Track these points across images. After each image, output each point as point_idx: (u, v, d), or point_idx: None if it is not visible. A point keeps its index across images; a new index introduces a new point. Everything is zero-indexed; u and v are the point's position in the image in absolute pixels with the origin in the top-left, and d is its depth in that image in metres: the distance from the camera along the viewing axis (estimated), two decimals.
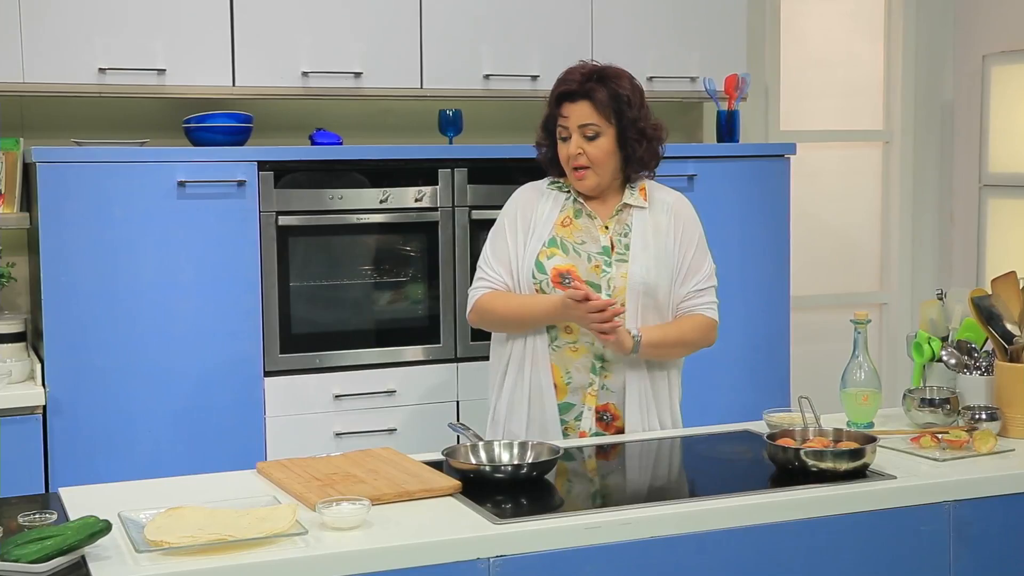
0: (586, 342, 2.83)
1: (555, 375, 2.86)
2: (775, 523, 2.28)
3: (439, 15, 3.97)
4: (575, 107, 2.86)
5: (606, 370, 2.85)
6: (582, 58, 4.11)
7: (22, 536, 1.92)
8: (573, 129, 2.86)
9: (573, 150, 2.85)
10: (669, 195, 2.98)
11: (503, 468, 2.39)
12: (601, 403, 2.86)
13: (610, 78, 2.88)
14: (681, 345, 2.91)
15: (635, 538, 2.16)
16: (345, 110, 4.15)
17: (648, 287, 2.84)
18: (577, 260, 2.85)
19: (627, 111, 2.85)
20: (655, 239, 2.88)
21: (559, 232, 2.89)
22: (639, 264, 2.84)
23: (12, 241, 3.76)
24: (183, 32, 3.67)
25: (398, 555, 2.01)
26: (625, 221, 2.90)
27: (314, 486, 2.26)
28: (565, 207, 2.93)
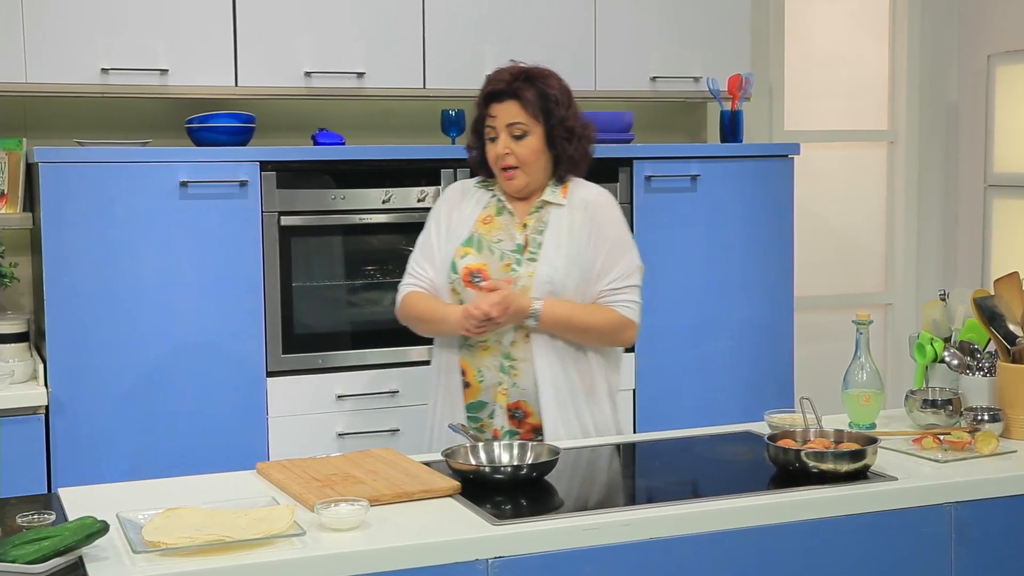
0: (494, 341, 2.84)
1: (469, 374, 2.87)
2: (775, 525, 2.27)
3: (441, 15, 3.97)
4: (502, 107, 2.86)
5: (515, 368, 2.84)
6: (587, 59, 4.17)
7: (20, 537, 1.92)
8: (501, 129, 2.86)
9: (501, 150, 2.85)
10: (589, 192, 2.94)
11: (502, 469, 2.39)
12: (512, 401, 2.85)
13: (537, 78, 2.89)
14: (585, 330, 2.84)
15: (635, 539, 2.15)
16: (348, 110, 4.14)
17: (554, 286, 2.81)
18: (489, 258, 2.85)
19: (555, 110, 2.85)
20: (569, 237, 2.85)
21: (479, 230, 2.90)
22: (547, 263, 2.82)
23: (15, 241, 3.76)
24: (186, 32, 3.67)
25: (396, 556, 2.00)
26: (543, 219, 2.89)
27: (313, 487, 2.26)
28: (488, 205, 2.94)
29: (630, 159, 4.05)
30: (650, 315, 4.04)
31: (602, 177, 3.96)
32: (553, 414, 2.82)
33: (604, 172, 4.01)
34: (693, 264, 4.13)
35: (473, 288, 2.81)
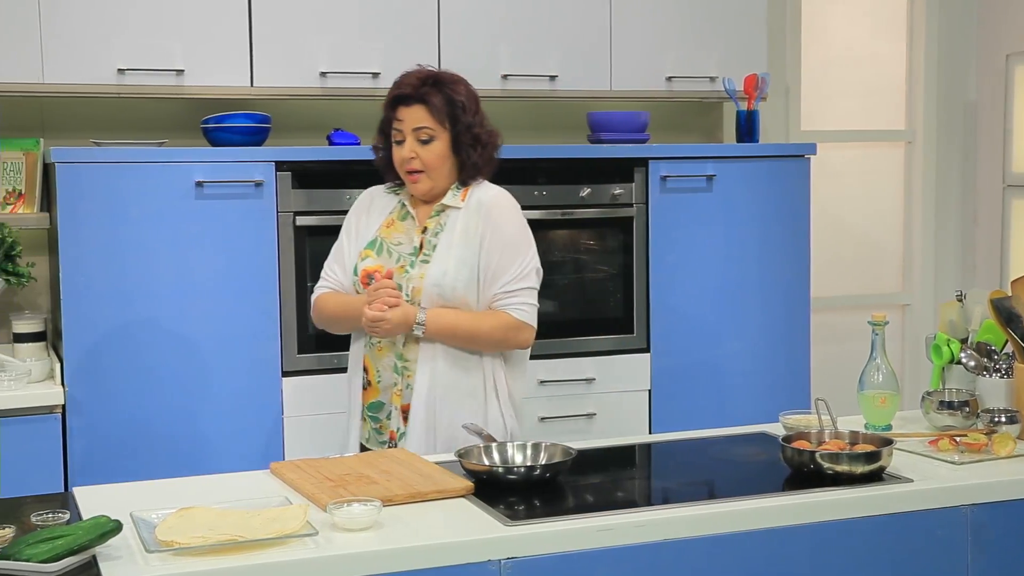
0: (388, 341, 2.84)
1: (370, 373, 2.88)
2: (790, 526, 2.26)
3: (457, 15, 3.97)
4: (410, 111, 2.86)
5: (408, 369, 2.82)
6: (602, 59, 4.17)
7: (34, 536, 1.92)
8: (407, 132, 2.85)
9: (407, 153, 2.85)
10: (487, 193, 2.93)
11: (516, 469, 2.39)
12: (406, 403, 2.83)
13: (445, 83, 2.89)
14: (472, 337, 2.81)
15: (648, 540, 2.14)
16: (363, 110, 4.13)
17: (443, 289, 2.80)
18: (387, 261, 2.86)
19: (462, 116, 2.86)
20: (462, 239, 2.84)
21: (382, 234, 2.92)
22: (437, 266, 2.82)
23: (32, 241, 3.78)
24: (201, 33, 3.68)
25: (408, 556, 2.00)
26: (442, 222, 2.89)
27: (326, 487, 2.26)
28: (394, 210, 2.95)
29: (645, 159, 4.04)
30: (665, 315, 4.06)
31: (617, 177, 4.00)
32: (419, 415, 2.79)
33: (619, 172, 4.02)
34: (709, 264, 4.11)
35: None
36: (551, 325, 3.98)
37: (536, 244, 3.94)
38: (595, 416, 4.00)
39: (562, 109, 4.38)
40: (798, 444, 2.48)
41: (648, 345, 4.06)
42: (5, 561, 1.87)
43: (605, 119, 4.16)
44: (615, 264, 4.06)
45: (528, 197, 3.91)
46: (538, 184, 3.94)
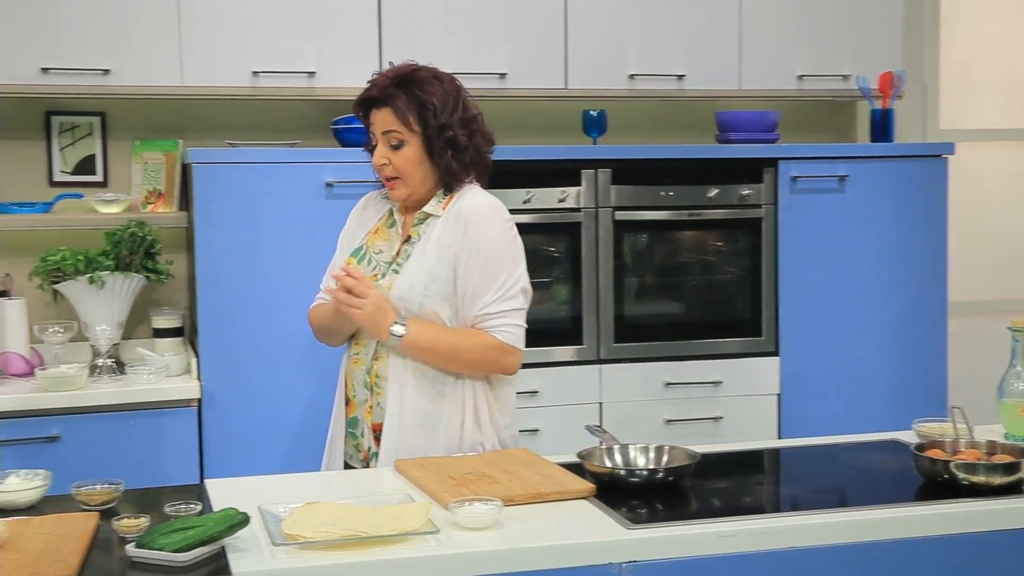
0: (363, 354, 2.66)
1: (348, 387, 2.70)
2: (921, 538, 2.19)
3: (584, 15, 3.96)
4: (379, 114, 2.63)
5: (379, 387, 2.62)
6: (731, 58, 4.11)
7: (166, 525, 1.98)
8: (378, 136, 2.64)
9: (378, 159, 2.64)
10: (470, 202, 2.63)
11: (638, 472, 2.37)
12: (376, 421, 2.62)
13: (415, 82, 2.61)
14: (453, 359, 2.57)
15: (771, 548, 2.10)
16: (490, 110, 4.14)
17: (409, 304, 2.57)
18: (364, 269, 2.66)
19: (431, 119, 2.58)
20: (436, 251, 2.59)
21: (367, 241, 2.74)
22: (404, 279, 2.59)
23: (171, 239, 3.89)
24: (333, 35, 3.74)
25: (528, 557, 2.00)
26: (422, 231, 2.66)
27: (448, 485, 2.27)
28: (383, 216, 2.76)
29: (775, 159, 3.97)
30: (796, 318, 3.98)
31: (746, 178, 3.94)
32: (393, 439, 2.57)
33: (748, 172, 3.96)
34: (840, 267, 4.02)
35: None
36: (677, 327, 3.96)
37: (661, 245, 3.97)
38: (722, 420, 3.95)
39: (690, 109, 4.33)
40: (932, 453, 2.40)
41: (777, 348, 3.99)
42: (140, 549, 1.93)
43: (734, 119, 4.10)
44: (743, 266, 4.00)
45: (654, 198, 3.89)
46: (664, 185, 3.91)
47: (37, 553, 1.92)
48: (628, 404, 3.87)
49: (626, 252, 3.90)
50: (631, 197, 3.87)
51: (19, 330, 3.62)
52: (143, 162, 3.91)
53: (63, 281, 3.56)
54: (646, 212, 3.89)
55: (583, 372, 3.84)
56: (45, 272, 3.58)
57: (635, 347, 3.89)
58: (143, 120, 3.95)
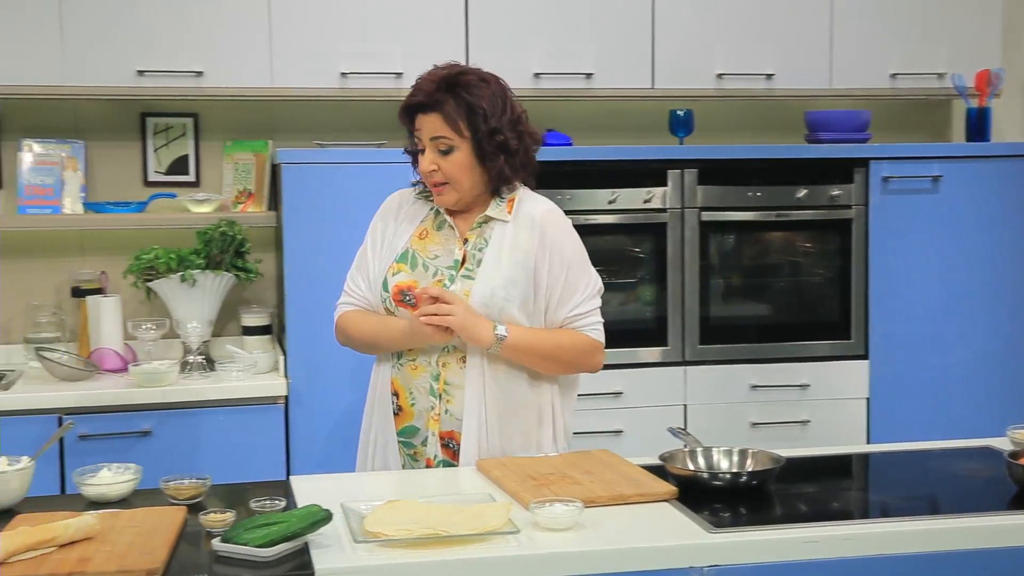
0: (424, 361, 2.57)
1: (401, 397, 2.60)
2: (1014, 547, 2.13)
3: (672, 15, 3.94)
4: (426, 119, 2.54)
5: (448, 394, 2.55)
6: (822, 56, 4.05)
7: (251, 521, 2.00)
8: (426, 142, 2.55)
9: (426, 166, 2.55)
10: (538, 207, 2.61)
11: (721, 475, 2.34)
12: (445, 429, 2.56)
13: (462, 86, 2.53)
14: (553, 358, 2.56)
15: (857, 555, 2.06)
16: (576, 111, 4.16)
17: (490, 309, 2.51)
18: (422, 276, 2.57)
19: (482, 123, 2.51)
20: (511, 256, 2.55)
21: (414, 245, 2.62)
22: (484, 283, 2.52)
23: (261, 238, 3.95)
24: (420, 37, 3.77)
25: (609, 559, 1.99)
26: (485, 235, 2.59)
27: (529, 485, 2.27)
28: (426, 218, 2.65)
29: (866, 159, 3.90)
30: (886, 322, 3.91)
31: (836, 178, 3.88)
32: (474, 445, 2.53)
33: (838, 173, 3.90)
34: (933, 269, 3.94)
35: (405, 307, 2.56)
36: (764, 329, 3.91)
37: (748, 246, 3.93)
38: (809, 423, 3.89)
39: (778, 108, 4.28)
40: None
41: (867, 351, 3.92)
42: (225, 544, 1.96)
43: (824, 118, 4.04)
44: (832, 267, 3.94)
45: (742, 198, 3.85)
46: (752, 185, 3.87)
47: (127, 546, 1.96)
48: (713, 407, 3.84)
49: (712, 253, 3.87)
50: (718, 198, 3.83)
51: (114, 327, 3.70)
52: (234, 162, 3.97)
53: (156, 279, 3.64)
54: (733, 213, 3.85)
55: (668, 374, 3.82)
56: (139, 270, 3.66)
57: (721, 349, 3.85)
58: (234, 121, 4.02)
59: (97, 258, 3.92)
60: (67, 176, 3.84)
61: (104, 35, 3.60)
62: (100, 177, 3.95)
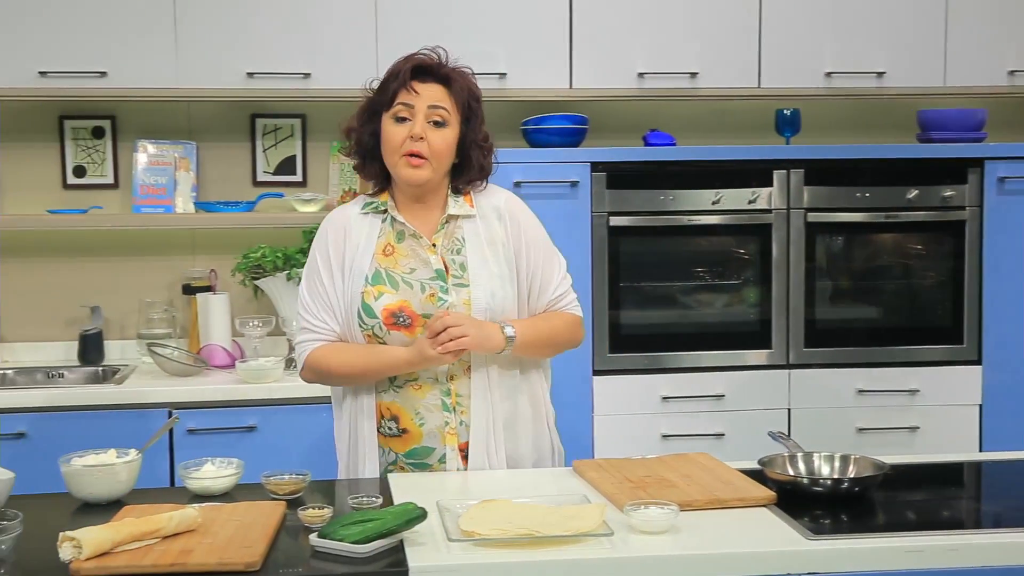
0: (429, 378, 2.46)
1: (404, 419, 2.48)
2: None
3: (779, 12, 3.88)
4: (427, 87, 2.45)
5: (461, 406, 2.47)
6: (935, 54, 3.94)
7: (348, 517, 2.03)
8: (419, 111, 2.43)
9: (417, 131, 2.42)
10: (497, 196, 2.56)
11: (822, 481, 2.30)
12: (464, 440, 2.48)
13: (466, 74, 2.52)
14: (553, 343, 2.56)
15: (962, 566, 2.00)
16: (680, 110, 4.13)
17: (493, 313, 2.45)
18: (408, 293, 2.45)
19: (477, 111, 2.50)
20: (492, 251, 2.49)
21: (381, 263, 2.48)
22: (482, 287, 2.46)
23: None
24: (523, 36, 3.78)
25: (703, 564, 1.96)
26: (454, 235, 2.50)
27: (626, 488, 2.26)
28: (383, 232, 2.51)
29: (981, 159, 3.80)
30: (1000, 326, 3.80)
31: (948, 178, 3.79)
32: (481, 456, 2.47)
33: (951, 173, 3.80)
34: None
35: (398, 329, 2.44)
36: (872, 332, 3.83)
37: (856, 247, 3.85)
38: (918, 430, 3.80)
39: (890, 107, 4.19)
40: None
41: (980, 357, 3.82)
42: (322, 540, 1.98)
43: (937, 117, 3.94)
44: (944, 270, 3.84)
45: (850, 199, 3.78)
46: (860, 186, 3.79)
47: (227, 539, 1.99)
48: (818, 411, 3.77)
49: (819, 255, 3.80)
50: (825, 198, 3.76)
51: (222, 324, 3.79)
52: (340, 162, 4.03)
53: (263, 277, 3.71)
54: (841, 214, 3.78)
55: (772, 377, 3.76)
56: (246, 268, 3.74)
57: (827, 352, 3.78)
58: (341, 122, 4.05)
59: (207, 256, 4.01)
60: (179, 176, 3.94)
61: (216, 39, 3.69)
62: (211, 177, 4.04)
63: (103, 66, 3.66)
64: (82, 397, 3.44)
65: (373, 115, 2.50)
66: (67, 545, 1.89)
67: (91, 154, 3.98)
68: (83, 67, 3.65)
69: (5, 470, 2.25)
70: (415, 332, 2.45)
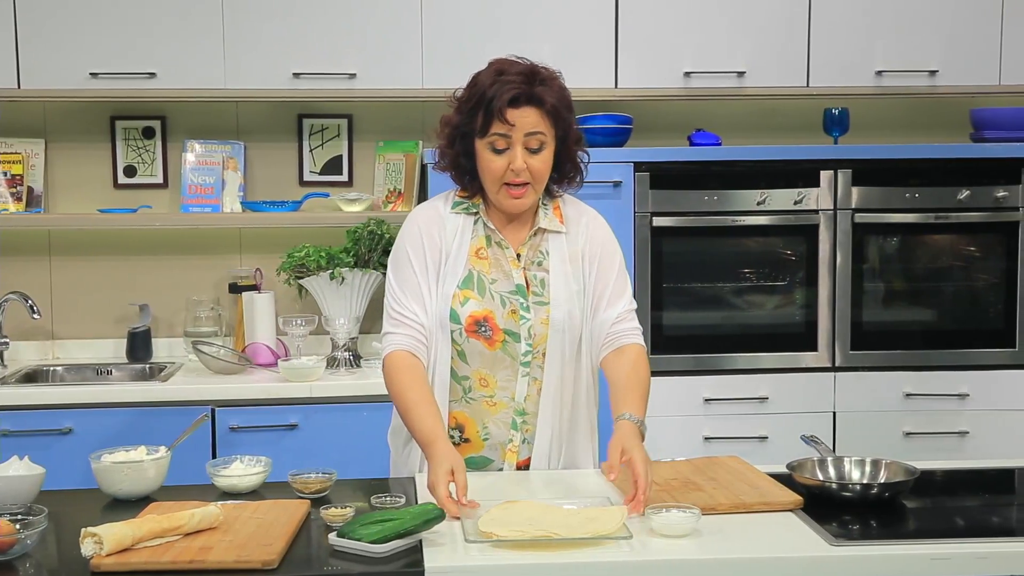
0: (505, 397, 2.44)
1: (469, 430, 2.47)
2: None
3: (828, 9, 3.83)
4: (520, 113, 2.34)
5: (526, 424, 2.45)
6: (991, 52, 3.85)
7: (368, 516, 2.03)
8: (517, 140, 2.34)
9: (519, 164, 2.34)
10: (583, 213, 2.52)
11: (850, 486, 2.26)
12: (523, 459, 2.47)
13: (555, 83, 2.40)
14: (647, 395, 2.46)
15: (990, 574, 1.96)
16: (727, 110, 4.08)
17: (572, 332, 2.44)
18: (492, 304, 2.41)
19: (570, 119, 2.41)
20: (573, 267, 2.46)
21: (475, 265, 2.44)
22: (561, 308, 2.42)
23: None
24: (569, 36, 3.76)
25: (724, 569, 1.94)
26: (539, 248, 2.47)
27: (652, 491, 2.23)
28: (476, 234, 2.46)
29: None
30: None
31: (1002, 178, 3.71)
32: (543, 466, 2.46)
33: (1004, 173, 3.74)
34: None
35: (479, 339, 2.41)
36: (920, 335, 3.77)
37: (905, 249, 3.79)
38: (967, 435, 3.72)
39: (941, 107, 4.11)
40: None
41: None
42: (340, 539, 1.99)
43: (991, 116, 3.86)
44: (996, 272, 3.76)
45: (899, 200, 3.73)
46: (910, 186, 3.72)
47: (248, 536, 2.01)
48: (864, 415, 3.71)
49: (867, 256, 3.74)
50: (873, 199, 3.70)
51: (267, 322, 3.82)
52: (385, 162, 4.05)
53: (307, 276, 3.73)
54: (889, 215, 3.72)
55: (817, 379, 3.71)
56: (291, 268, 3.77)
57: (874, 355, 3.72)
58: (386, 122, 4.09)
59: (254, 255, 4.05)
60: (227, 176, 3.98)
61: (263, 40, 3.72)
62: (258, 176, 4.08)
63: (153, 67, 3.71)
64: (126, 394, 3.50)
65: (464, 138, 2.42)
66: (88, 541, 1.92)
67: (141, 154, 4.04)
68: (133, 69, 3.70)
69: (36, 465, 2.29)
70: (495, 345, 2.43)
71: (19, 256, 4.01)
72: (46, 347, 4.02)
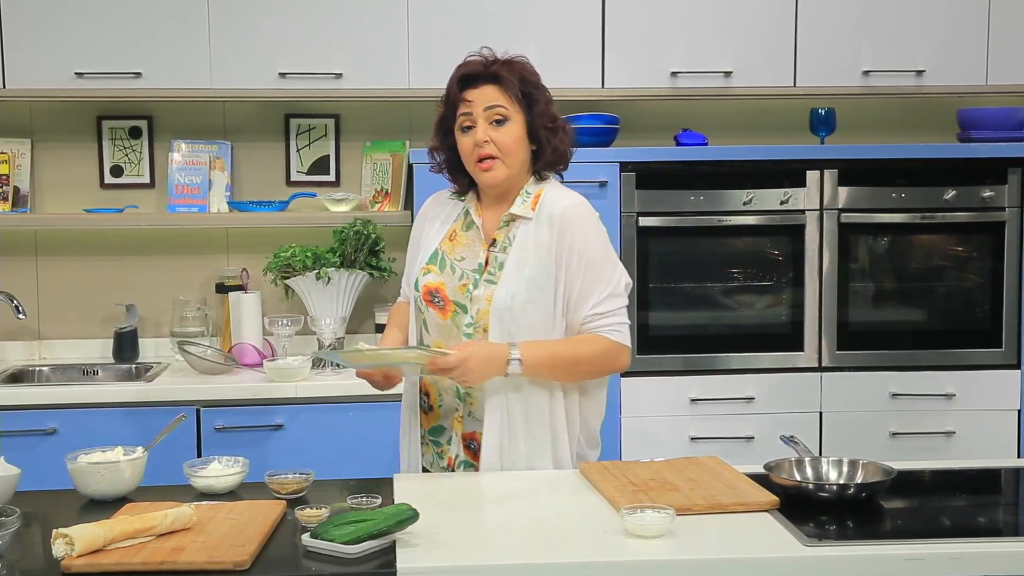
0: None
1: (432, 396, 2.60)
2: None
3: (816, 9, 3.82)
4: (478, 91, 2.50)
5: (471, 396, 2.52)
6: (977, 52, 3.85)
7: (342, 517, 2.02)
8: (478, 115, 2.49)
9: (480, 136, 2.48)
10: (560, 203, 2.53)
11: (827, 487, 2.25)
12: (468, 431, 2.54)
13: (515, 63, 2.54)
14: (574, 371, 2.49)
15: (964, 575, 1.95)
16: (714, 110, 4.08)
17: (512, 314, 2.46)
18: (449, 278, 2.55)
19: (538, 96, 2.52)
20: (535, 257, 2.49)
21: (443, 246, 2.60)
22: (505, 288, 2.47)
23: (395, 237, 3.98)
24: (556, 36, 3.76)
25: (696, 569, 1.93)
26: (511, 234, 2.54)
27: (628, 491, 2.23)
28: (457, 219, 2.63)
29: (1022, 159, 3.71)
30: None
31: (988, 178, 3.70)
32: (494, 454, 2.48)
33: (991, 173, 3.73)
34: None
35: (433, 308, 2.56)
36: (907, 335, 3.77)
37: (892, 249, 3.78)
38: (954, 435, 3.72)
39: (928, 107, 4.11)
40: None
41: (1019, 361, 3.73)
42: (314, 540, 1.98)
43: (978, 116, 3.86)
44: (982, 272, 3.76)
45: (885, 200, 3.72)
46: (897, 186, 3.72)
47: (221, 537, 2.00)
48: (851, 415, 3.71)
49: (854, 256, 3.73)
50: (860, 199, 3.70)
51: (253, 322, 3.82)
52: (372, 162, 4.04)
53: (293, 276, 3.73)
54: (876, 215, 3.72)
55: (803, 380, 3.71)
56: (277, 268, 3.76)
57: (860, 355, 3.72)
58: (374, 122, 4.09)
59: (241, 255, 4.04)
60: (214, 176, 3.98)
61: (249, 40, 3.72)
62: (245, 176, 4.08)
63: (139, 67, 3.71)
64: (112, 394, 3.49)
65: (447, 132, 2.58)
66: (60, 542, 1.91)
67: (128, 154, 4.03)
68: (119, 68, 3.70)
69: (11, 466, 2.28)
70: (447, 315, 2.55)
71: (5, 256, 4.01)
72: (32, 347, 4.02)
